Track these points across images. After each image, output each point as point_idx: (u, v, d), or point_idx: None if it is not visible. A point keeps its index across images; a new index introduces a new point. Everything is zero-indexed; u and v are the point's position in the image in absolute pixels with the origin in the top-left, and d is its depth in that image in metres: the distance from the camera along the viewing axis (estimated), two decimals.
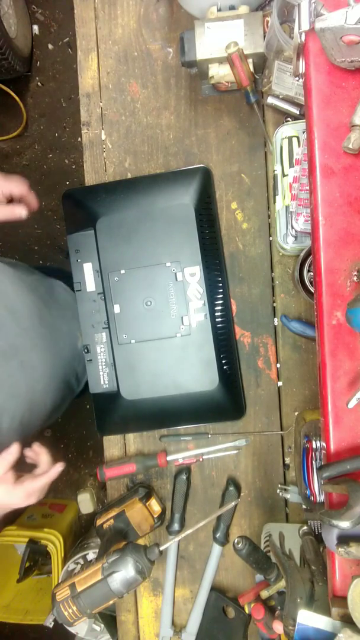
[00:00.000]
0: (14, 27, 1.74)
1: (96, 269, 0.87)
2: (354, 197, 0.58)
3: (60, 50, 1.95)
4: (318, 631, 0.59)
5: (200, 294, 0.85)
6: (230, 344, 0.87)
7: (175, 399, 0.86)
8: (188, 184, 0.86)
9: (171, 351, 0.85)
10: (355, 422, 0.59)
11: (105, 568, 0.69)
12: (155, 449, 0.92)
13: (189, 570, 0.92)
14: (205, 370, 0.85)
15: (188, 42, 0.78)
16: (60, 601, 0.71)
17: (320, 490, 0.76)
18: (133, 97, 0.92)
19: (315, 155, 0.58)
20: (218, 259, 0.87)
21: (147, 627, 0.93)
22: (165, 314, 0.85)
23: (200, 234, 0.84)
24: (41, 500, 0.78)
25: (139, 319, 0.86)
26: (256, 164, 0.88)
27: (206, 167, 0.88)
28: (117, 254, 0.86)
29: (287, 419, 0.89)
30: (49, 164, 1.97)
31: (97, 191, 0.89)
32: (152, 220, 0.85)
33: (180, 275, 0.85)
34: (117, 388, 0.87)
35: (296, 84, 0.80)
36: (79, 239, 0.88)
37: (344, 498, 0.55)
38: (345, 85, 0.58)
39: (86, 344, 0.88)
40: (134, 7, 0.91)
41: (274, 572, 0.72)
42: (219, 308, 0.86)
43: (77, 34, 0.92)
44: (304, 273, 0.79)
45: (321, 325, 0.59)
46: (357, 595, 0.54)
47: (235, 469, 0.90)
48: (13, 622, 1.66)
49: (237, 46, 0.74)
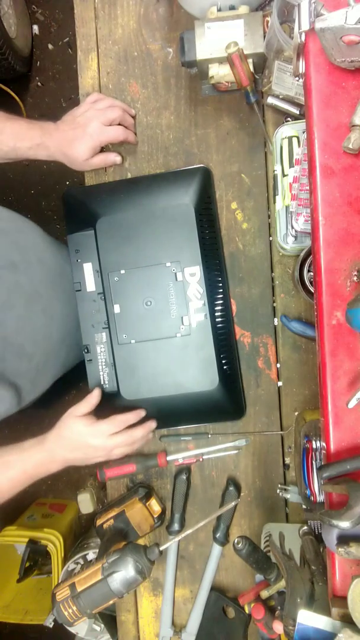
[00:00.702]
0: (14, 27, 1.74)
1: (96, 269, 0.87)
2: (354, 197, 0.58)
3: (60, 50, 1.95)
4: (318, 631, 0.59)
5: (200, 294, 0.85)
6: (230, 344, 0.87)
7: (175, 399, 0.86)
8: (188, 184, 0.86)
9: (171, 351, 0.85)
10: (355, 422, 0.59)
11: (105, 568, 0.69)
12: (155, 449, 0.92)
13: (189, 570, 0.92)
14: (205, 370, 0.85)
15: (188, 42, 0.78)
16: (60, 601, 0.71)
17: (320, 490, 0.76)
18: (133, 97, 0.92)
19: (315, 155, 0.58)
20: (218, 259, 0.87)
21: (147, 627, 0.93)
22: (165, 314, 0.85)
23: (200, 234, 0.84)
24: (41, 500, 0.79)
25: (139, 319, 0.86)
26: (256, 164, 0.88)
27: (206, 167, 0.88)
28: (117, 254, 0.86)
29: (287, 419, 0.89)
30: (49, 164, 1.93)
31: (98, 191, 0.90)
32: (152, 220, 0.85)
33: (180, 275, 0.85)
34: (117, 388, 0.87)
35: (296, 84, 0.80)
36: (79, 238, 0.88)
37: (344, 498, 0.55)
38: (345, 85, 0.58)
39: (86, 344, 0.88)
40: (134, 7, 0.91)
41: (274, 572, 0.72)
42: (219, 308, 0.86)
43: (77, 34, 0.92)
44: (304, 273, 0.79)
45: (321, 325, 0.59)
46: (357, 595, 0.54)
47: (235, 469, 0.90)
48: (13, 622, 1.66)
49: (237, 46, 0.74)
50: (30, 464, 0.76)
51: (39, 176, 1.97)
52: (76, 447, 0.78)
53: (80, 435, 0.78)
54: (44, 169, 1.97)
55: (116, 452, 0.81)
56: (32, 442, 0.78)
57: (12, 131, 0.83)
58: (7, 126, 0.83)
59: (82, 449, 0.78)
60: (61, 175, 1.95)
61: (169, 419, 0.89)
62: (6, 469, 0.75)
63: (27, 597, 1.74)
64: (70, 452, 0.78)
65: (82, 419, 0.79)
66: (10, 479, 0.76)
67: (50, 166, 1.96)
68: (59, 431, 0.78)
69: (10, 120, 0.84)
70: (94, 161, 0.87)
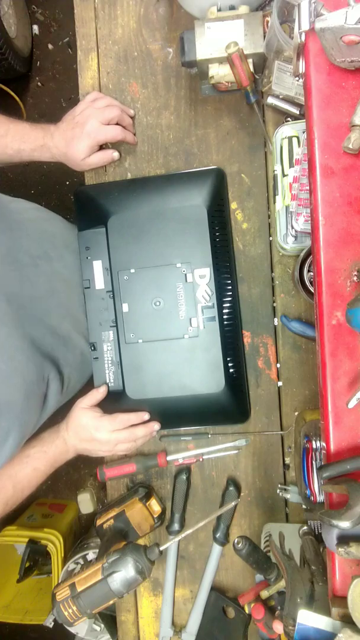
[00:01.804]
0: (14, 27, 1.74)
1: (106, 267, 0.87)
2: (354, 197, 0.58)
3: (60, 50, 1.95)
4: (318, 631, 0.59)
5: (210, 296, 0.84)
6: (237, 347, 0.87)
7: (180, 401, 0.85)
8: (201, 185, 0.85)
9: (178, 352, 0.85)
10: (355, 422, 0.59)
11: (105, 568, 0.69)
12: (155, 449, 0.92)
13: (189, 570, 0.92)
14: (212, 372, 0.84)
15: (188, 42, 0.78)
16: (60, 601, 0.71)
17: (320, 490, 0.76)
18: (133, 97, 0.92)
19: (315, 155, 0.58)
20: (228, 261, 0.87)
21: (147, 627, 0.93)
22: (173, 314, 0.85)
23: (212, 236, 0.84)
24: (41, 500, 0.80)
25: (147, 318, 0.86)
26: (256, 164, 0.88)
27: (220, 168, 0.87)
28: (127, 252, 0.86)
29: (287, 419, 0.89)
30: (49, 164, 1.93)
31: (110, 189, 0.89)
32: (164, 220, 0.85)
33: (190, 276, 0.84)
34: (123, 387, 0.87)
35: (296, 84, 0.80)
36: (89, 236, 0.88)
37: (344, 498, 0.55)
38: (345, 85, 0.58)
39: (93, 342, 0.88)
40: (134, 7, 0.91)
41: (274, 572, 0.72)
42: (228, 311, 0.86)
43: (77, 34, 0.92)
44: (304, 273, 0.79)
45: (321, 325, 0.59)
46: (357, 595, 0.54)
47: (235, 469, 0.90)
48: (13, 622, 1.66)
49: (237, 46, 0.74)
50: (51, 454, 0.81)
51: (39, 176, 1.97)
52: (83, 438, 0.81)
53: (86, 427, 0.81)
54: (44, 169, 1.97)
55: (120, 447, 0.83)
56: (49, 432, 0.82)
57: (15, 133, 0.84)
58: (10, 128, 0.84)
59: (88, 440, 0.82)
60: (61, 175, 1.95)
61: (173, 420, 0.89)
62: (30, 460, 0.79)
63: (27, 597, 1.73)
64: (79, 442, 0.82)
65: (89, 411, 0.82)
66: (35, 469, 0.79)
67: (50, 166, 1.96)
68: (69, 421, 0.82)
69: (14, 122, 0.85)
70: (92, 160, 0.87)
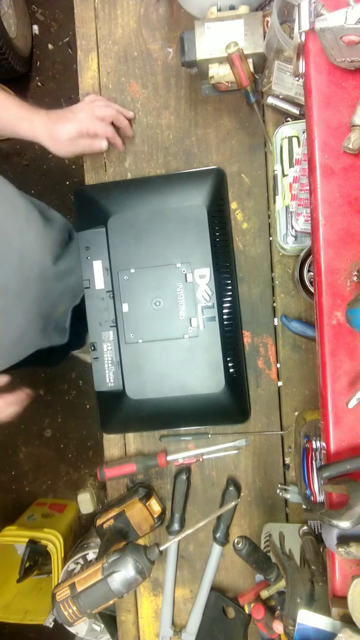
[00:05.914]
0: (14, 27, 1.74)
1: (106, 267, 0.87)
2: (354, 197, 0.58)
3: (60, 50, 1.95)
4: (318, 631, 0.59)
5: (210, 296, 0.84)
6: (237, 347, 0.87)
7: (180, 401, 0.86)
8: (201, 185, 0.85)
9: (178, 352, 0.85)
10: (355, 422, 0.59)
11: (105, 568, 0.69)
12: (155, 449, 0.92)
13: (189, 570, 0.92)
14: (212, 372, 0.84)
15: (188, 42, 0.78)
16: (60, 601, 0.71)
17: (320, 490, 0.76)
18: (133, 97, 0.92)
19: (315, 155, 0.58)
20: (228, 261, 0.87)
21: (147, 627, 0.93)
22: (173, 314, 0.85)
23: (212, 236, 0.84)
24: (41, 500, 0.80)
25: (147, 318, 0.86)
26: (256, 164, 0.88)
27: (220, 168, 0.87)
28: (127, 252, 0.86)
29: (287, 419, 0.89)
30: (48, 164, 1.96)
31: (110, 189, 0.89)
32: (164, 220, 0.85)
33: (190, 276, 0.84)
34: (123, 387, 0.87)
35: (296, 84, 0.80)
36: (89, 236, 0.88)
37: (344, 498, 0.55)
38: (345, 85, 0.58)
39: (93, 342, 0.88)
40: (134, 7, 0.91)
41: (274, 572, 0.72)
42: (228, 311, 0.86)
43: (77, 34, 0.92)
44: (304, 273, 0.79)
45: (321, 325, 0.59)
46: (357, 595, 0.54)
47: (235, 469, 0.90)
48: (13, 622, 1.66)
49: (237, 46, 0.74)
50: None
51: (39, 176, 1.97)
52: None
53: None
54: (44, 169, 1.97)
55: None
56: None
57: None
58: None
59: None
60: (61, 175, 1.95)
61: (173, 420, 0.89)
62: None
63: (27, 597, 1.74)
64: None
65: None
66: None
67: (50, 166, 1.96)
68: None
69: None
70: (78, 143, 0.83)
